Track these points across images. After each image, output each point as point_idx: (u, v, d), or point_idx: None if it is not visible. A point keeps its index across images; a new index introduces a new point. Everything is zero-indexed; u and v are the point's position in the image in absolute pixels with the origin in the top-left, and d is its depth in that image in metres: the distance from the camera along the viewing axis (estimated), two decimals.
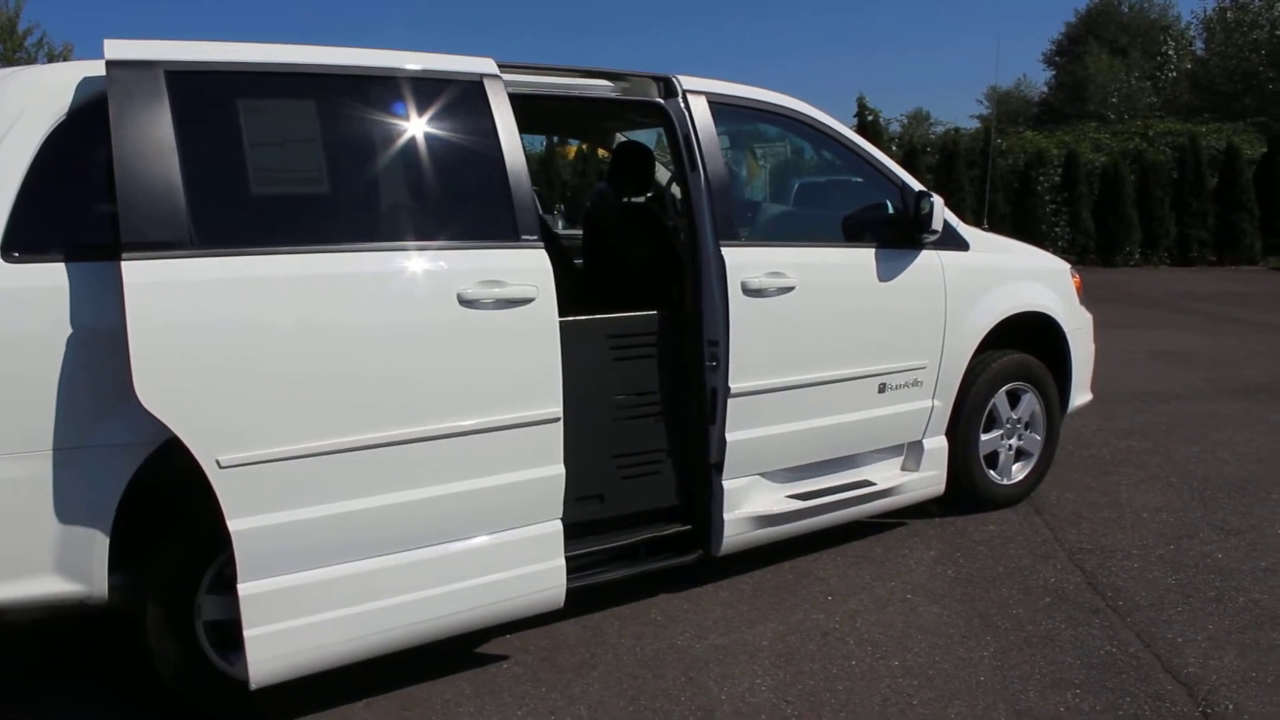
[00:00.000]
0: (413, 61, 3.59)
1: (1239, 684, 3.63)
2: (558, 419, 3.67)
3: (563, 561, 3.78)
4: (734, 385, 4.20)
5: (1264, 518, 5.33)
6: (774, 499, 4.52)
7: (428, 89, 3.62)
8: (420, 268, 3.42)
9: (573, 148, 24.07)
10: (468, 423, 3.47)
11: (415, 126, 3.63)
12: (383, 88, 3.55)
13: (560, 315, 4.06)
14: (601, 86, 4.24)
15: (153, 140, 3.03)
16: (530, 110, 5.59)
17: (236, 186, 3.32)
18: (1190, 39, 47.44)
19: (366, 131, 3.57)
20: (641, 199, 5.22)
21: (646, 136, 6.33)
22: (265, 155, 3.42)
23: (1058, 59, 53.07)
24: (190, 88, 3.15)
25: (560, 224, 16.48)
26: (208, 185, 3.15)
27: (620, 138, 6.13)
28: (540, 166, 23.82)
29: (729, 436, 4.26)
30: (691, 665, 3.86)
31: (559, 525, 3.76)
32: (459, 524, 3.54)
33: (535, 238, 3.66)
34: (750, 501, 4.42)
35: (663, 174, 6.13)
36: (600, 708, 3.57)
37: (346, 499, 3.27)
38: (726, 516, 4.33)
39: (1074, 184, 21.77)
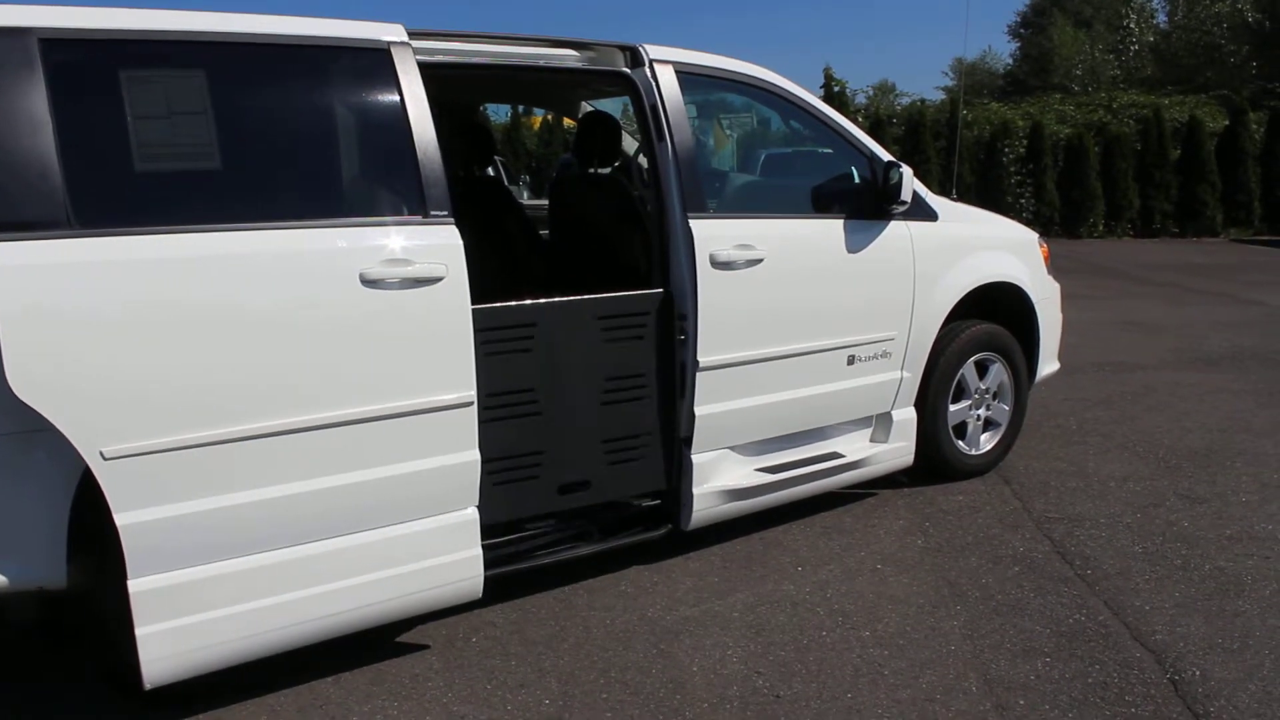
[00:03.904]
0: (313, 28, 3.39)
1: (1206, 650, 3.66)
2: (470, 403, 3.53)
3: (479, 551, 3.66)
4: (702, 359, 4.17)
5: (1228, 486, 5.38)
6: (743, 472, 4.50)
7: (330, 57, 3.45)
8: (320, 246, 3.24)
9: (538, 117, 23.93)
10: (373, 408, 3.31)
11: (316, 97, 3.49)
12: (280, 56, 3.36)
13: (528, 288, 4.00)
14: (567, 56, 4.16)
15: (24, 113, 2.82)
16: (494, 80, 5.56)
17: (120, 162, 3.08)
18: (1152, 11, 47.69)
19: (263, 103, 3.39)
20: (607, 170, 5.17)
21: (613, 104, 6.26)
22: (151, 129, 3.18)
23: (1023, 31, 53.28)
24: (68, 56, 2.94)
25: (525, 195, 16.41)
26: (87, 161, 2.95)
27: (587, 107, 6.07)
28: (505, 137, 23.68)
29: (698, 410, 4.23)
30: (662, 637, 3.84)
31: (475, 513, 3.65)
32: (367, 514, 3.41)
33: (445, 214, 3.48)
34: (719, 475, 4.40)
35: (630, 143, 6.08)
36: (571, 680, 3.55)
37: (243, 490, 3.13)
38: (696, 491, 4.31)
39: (1039, 156, 21.88)
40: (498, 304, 3.75)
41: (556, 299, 3.96)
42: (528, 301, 3.89)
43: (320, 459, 3.27)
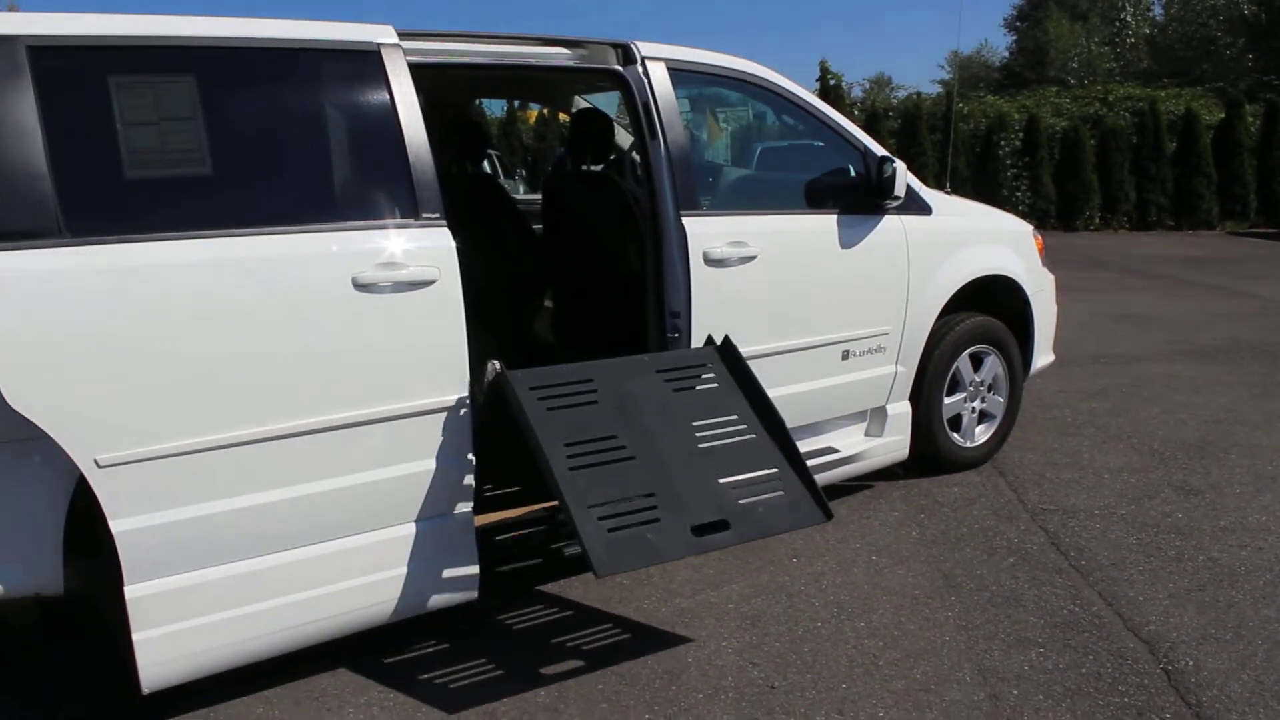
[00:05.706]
0: (303, 31, 3.37)
1: (1198, 641, 3.68)
2: (465, 406, 3.55)
3: (476, 551, 3.66)
4: None
5: (1222, 478, 5.40)
6: None
7: (320, 60, 3.44)
8: (312, 251, 3.23)
9: (534, 112, 23.93)
10: (366, 412, 3.33)
11: (306, 101, 3.48)
12: (270, 60, 3.34)
13: (521, 285, 3.98)
14: (558, 54, 4.16)
15: (13, 121, 2.82)
16: (486, 77, 5.57)
17: (110, 170, 3.06)
18: (1148, 4, 47.67)
19: (253, 107, 3.37)
20: (601, 166, 5.17)
21: (608, 98, 6.26)
22: (142, 135, 3.14)
23: (1019, 24, 53.23)
24: (57, 63, 2.93)
25: (522, 189, 16.39)
26: (77, 169, 2.94)
27: (581, 102, 6.07)
28: (501, 131, 23.68)
29: None
30: (658, 628, 3.86)
31: (470, 514, 3.66)
32: (365, 517, 3.42)
33: (437, 215, 3.48)
34: None
35: (624, 137, 6.08)
36: (567, 673, 3.56)
37: (239, 495, 3.14)
38: None
39: (1035, 148, 21.86)
40: (549, 367, 3.70)
41: (610, 360, 3.83)
42: (578, 364, 3.77)
43: (315, 463, 3.28)
